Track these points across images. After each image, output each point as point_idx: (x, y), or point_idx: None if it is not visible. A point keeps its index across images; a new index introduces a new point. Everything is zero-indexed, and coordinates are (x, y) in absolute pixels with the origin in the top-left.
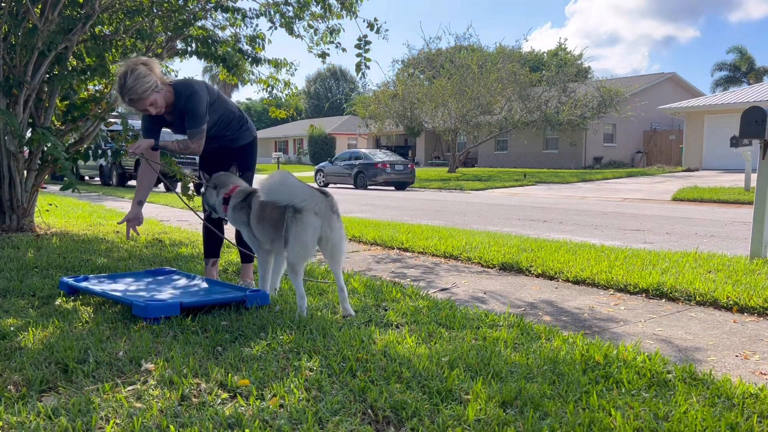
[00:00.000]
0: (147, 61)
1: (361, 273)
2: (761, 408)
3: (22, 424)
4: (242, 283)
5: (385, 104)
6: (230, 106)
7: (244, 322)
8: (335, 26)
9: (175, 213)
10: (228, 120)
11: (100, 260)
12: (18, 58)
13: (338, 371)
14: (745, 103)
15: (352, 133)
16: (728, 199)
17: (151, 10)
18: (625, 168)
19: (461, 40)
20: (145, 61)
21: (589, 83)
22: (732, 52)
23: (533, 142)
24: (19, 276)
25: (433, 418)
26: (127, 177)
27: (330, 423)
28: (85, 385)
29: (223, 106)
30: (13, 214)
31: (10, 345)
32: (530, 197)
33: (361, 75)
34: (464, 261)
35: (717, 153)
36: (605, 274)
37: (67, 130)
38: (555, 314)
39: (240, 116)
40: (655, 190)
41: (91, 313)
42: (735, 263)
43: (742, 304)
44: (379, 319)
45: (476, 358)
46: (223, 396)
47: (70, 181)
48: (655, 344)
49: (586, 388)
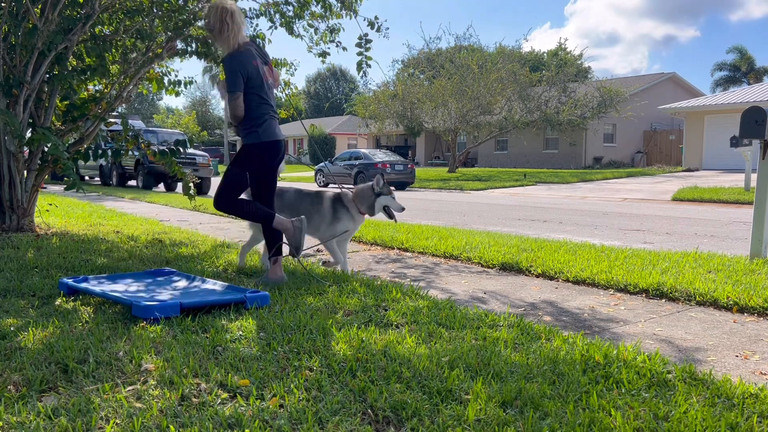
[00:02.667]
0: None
1: (361, 273)
2: (761, 408)
3: (22, 424)
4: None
5: (385, 104)
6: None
7: (244, 322)
8: (335, 25)
9: (175, 213)
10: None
11: (100, 260)
12: (18, 58)
13: (338, 371)
14: (745, 103)
15: (352, 133)
16: (728, 199)
17: (151, 10)
18: (625, 168)
19: (461, 40)
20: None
21: (589, 83)
22: (732, 52)
23: (533, 142)
24: (19, 276)
25: (433, 418)
26: (127, 177)
27: (330, 423)
28: (85, 385)
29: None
30: (13, 214)
31: (10, 345)
32: (530, 197)
33: (362, 74)
34: (464, 261)
35: (717, 153)
36: (605, 274)
37: (67, 130)
38: (555, 314)
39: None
40: (655, 190)
41: (91, 313)
42: (735, 263)
43: (742, 304)
44: (379, 319)
45: (476, 358)
46: (223, 396)
47: (73, 181)
48: (655, 344)
49: (586, 388)
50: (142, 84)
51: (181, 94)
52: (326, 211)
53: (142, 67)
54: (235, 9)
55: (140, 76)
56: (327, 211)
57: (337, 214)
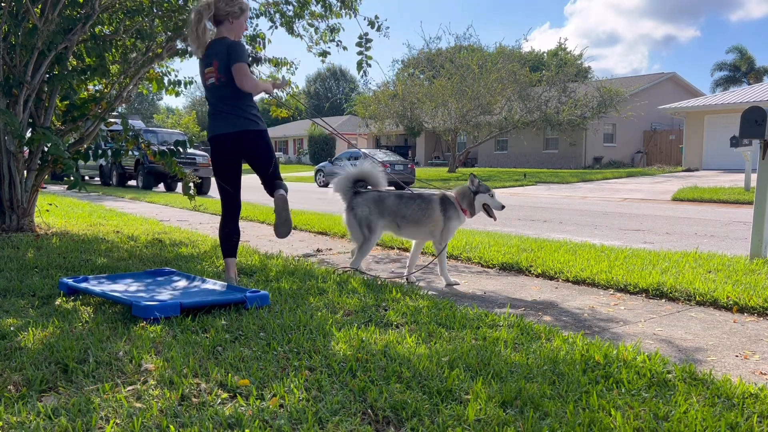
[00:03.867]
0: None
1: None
2: (761, 408)
3: (22, 424)
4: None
5: (385, 104)
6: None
7: (244, 322)
8: (335, 25)
9: (175, 213)
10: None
11: (100, 260)
12: (18, 58)
13: (338, 371)
14: (745, 103)
15: (352, 133)
16: (728, 199)
17: (151, 10)
18: (625, 168)
19: (461, 40)
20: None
21: (589, 83)
22: (732, 52)
23: (533, 142)
24: (19, 276)
25: (433, 418)
26: (127, 177)
27: (330, 423)
28: (85, 385)
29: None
30: (13, 214)
31: (10, 345)
32: (530, 197)
33: (362, 74)
34: (464, 261)
35: (717, 153)
36: (605, 274)
37: (67, 130)
38: (555, 314)
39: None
40: (655, 190)
41: (91, 313)
42: (735, 263)
43: (742, 304)
44: (379, 319)
45: (476, 358)
46: (223, 396)
47: (76, 180)
48: (655, 344)
49: (586, 388)
50: (142, 84)
51: (181, 94)
52: (439, 215)
53: (142, 67)
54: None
55: (140, 76)
56: (439, 214)
57: (449, 216)
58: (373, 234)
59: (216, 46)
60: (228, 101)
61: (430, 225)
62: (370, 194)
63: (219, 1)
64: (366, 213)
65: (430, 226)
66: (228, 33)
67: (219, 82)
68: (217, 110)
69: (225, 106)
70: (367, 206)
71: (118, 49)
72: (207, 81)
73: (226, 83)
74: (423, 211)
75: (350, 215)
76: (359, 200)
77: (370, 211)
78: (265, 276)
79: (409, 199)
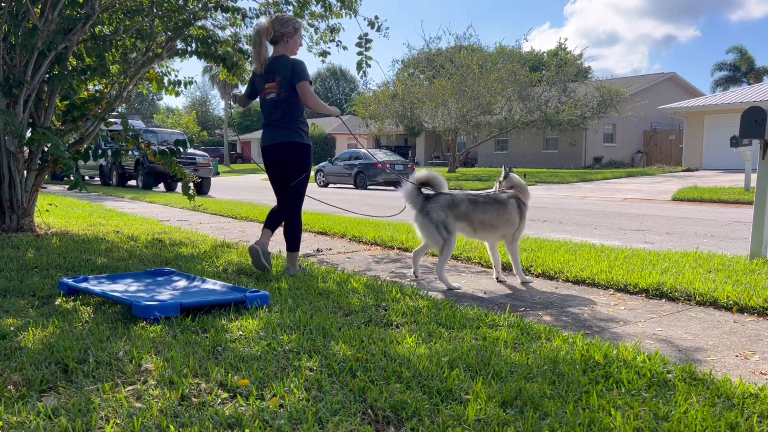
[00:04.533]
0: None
1: (361, 273)
2: (761, 408)
3: (22, 424)
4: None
5: (385, 104)
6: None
7: (244, 322)
8: (335, 25)
9: (175, 213)
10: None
11: (100, 260)
12: (18, 58)
13: (338, 371)
14: (745, 103)
15: (352, 134)
16: (728, 199)
17: (151, 10)
18: (625, 168)
19: (461, 40)
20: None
21: (589, 83)
22: (732, 52)
23: (533, 142)
24: (19, 276)
25: (433, 418)
26: (127, 177)
27: (330, 423)
28: (85, 385)
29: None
30: (13, 214)
31: (10, 345)
32: (530, 197)
33: (362, 74)
34: (464, 261)
35: (717, 153)
36: (605, 274)
37: (67, 130)
38: (555, 314)
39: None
40: (655, 190)
41: (91, 313)
42: (735, 263)
43: (742, 304)
44: (379, 319)
45: (476, 358)
46: (223, 396)
47: (76, 180)
48: (655, 344)
49: (586, 388)
50: (142, 84)
51: (181, 94)
52: (516, 217)
53: (142, 67)
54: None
55: (140, 76)
56: (516, 216)
57: (524, 216)
58: (452, 236)
59: (276, 63)
60: (282, 115)
61: (508, 227)
62: (443, 198)
63: (275, 23)
64: (442, 216)
65: (509, 229)
66: (284, 51)
67: (279, 97)
68: (272, 122)
69: (279, 120)
70: (442, 210)
71: (118, 49)
72: (267, 96)
73: (286, 99)
74: (502, 215)
75: (425, 219)
76: (433, 204)
77: (446, 215)
78: (265, 276)
79: (485, 203)
